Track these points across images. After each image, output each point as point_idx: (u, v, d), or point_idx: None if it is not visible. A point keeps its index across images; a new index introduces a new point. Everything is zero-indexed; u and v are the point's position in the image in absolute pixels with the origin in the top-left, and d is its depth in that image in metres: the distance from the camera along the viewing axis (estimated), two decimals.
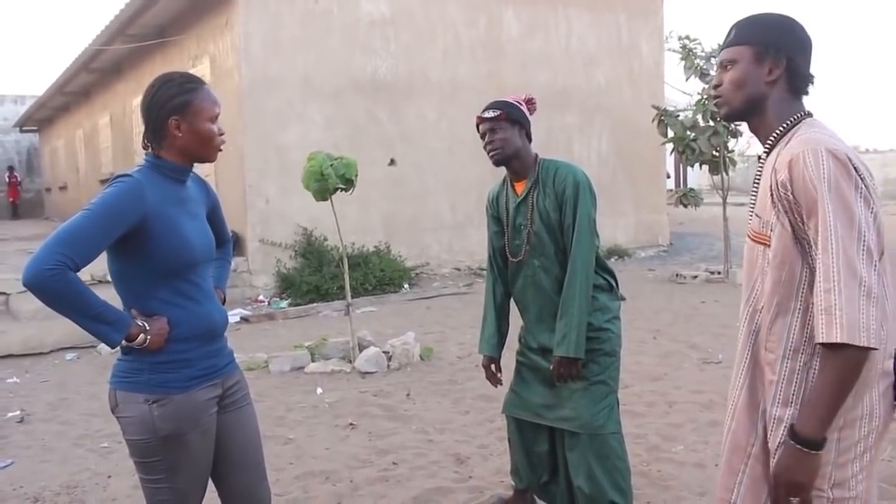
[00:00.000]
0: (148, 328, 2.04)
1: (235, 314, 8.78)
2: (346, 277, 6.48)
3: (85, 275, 7.80)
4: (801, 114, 1.83)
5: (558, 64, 12.24)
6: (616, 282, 3.13)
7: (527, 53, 11.92)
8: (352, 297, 6.58)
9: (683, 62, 9.74)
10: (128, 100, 13.98)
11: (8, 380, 6.46)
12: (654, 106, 10.36)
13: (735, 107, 1.87)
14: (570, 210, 2.92)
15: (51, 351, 7.39)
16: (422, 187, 11.12)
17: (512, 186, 3.11)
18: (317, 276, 9.57)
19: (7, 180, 25.30)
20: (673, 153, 10.48)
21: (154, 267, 2.06)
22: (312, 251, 9.93)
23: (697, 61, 9.66)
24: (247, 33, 9.80)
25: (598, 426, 2.96)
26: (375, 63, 10.69)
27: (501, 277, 3.21)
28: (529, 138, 3.08)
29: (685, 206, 10.44)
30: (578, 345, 2.87)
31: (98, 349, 7.25)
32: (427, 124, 11.15)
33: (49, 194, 24.39)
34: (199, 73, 10.84)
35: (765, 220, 1.79)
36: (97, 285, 7.36)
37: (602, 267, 3.04)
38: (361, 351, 6.23)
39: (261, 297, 9.77)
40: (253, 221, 9.97)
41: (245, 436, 2.28)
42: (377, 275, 9.87)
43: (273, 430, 4.73)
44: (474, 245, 11.33)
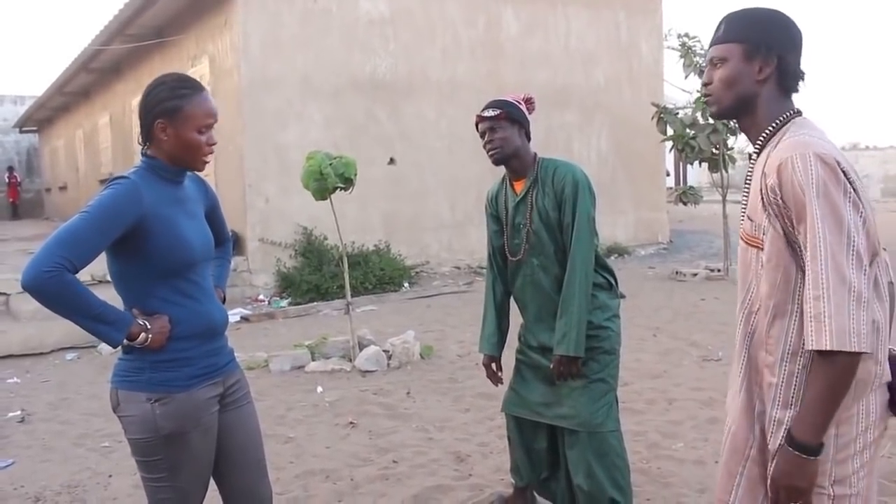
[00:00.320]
0: (149, 327, 2.04)
1: (236, 313, 8.79)
2: (346, 276, 6.48)
3: (85, 275, 7.82)
4: (791, 112, 1.82)
5: (557, 62, 12.24)
6: (615, 280, 3.14)
7: (526, 52, 11.92)
8: (352, 296, 6.59)
9: (682, 60, 9.74)
10: (127, 100, 13.99)
11: (8, 380, 6.46)
12: (654, 104, 10.36)
13: (725, 106, 1.87)
14: (570, 209, 2.92)
15: (51, 351, 7.40)
16: (421, 186, 11.12)
17: (511, 185, 3.11)
18: (317, 276, 9.58)
19: (7, 181, 25.30)
20: (672, 151, 10.50)
21: (153, 267, 2.07)
22: (312, 250, 9.94)
23: (696, 59, 9.66)
24: (246, 33, 9.80)
25: (597, 424, 2.97)
26: (375, 62, 10.70)
27: (501, 276, 3.22)
28: (528, 137, 3.08)
29: (685, 204, 10.45)
30: (578, 343, 2.87)
31: (98, 349, 7.26)
32: (426, 123, 11.16)
33: (49, 194, 24.40)
34: (199, 73, 10.86)
35: (757, 223, 1.79)
36: (98, 285, 7.38)
37: (601, 265, 3.05)
38: (361, 350, 6.23)
39: (261, 297, 9.78)
40: (253, 221, 9.98)
41: (246, 434, 2.29)
42: (377, 274, 9.88)
43: (273, 429, 4.74)
44: (474, 244, 11.34)
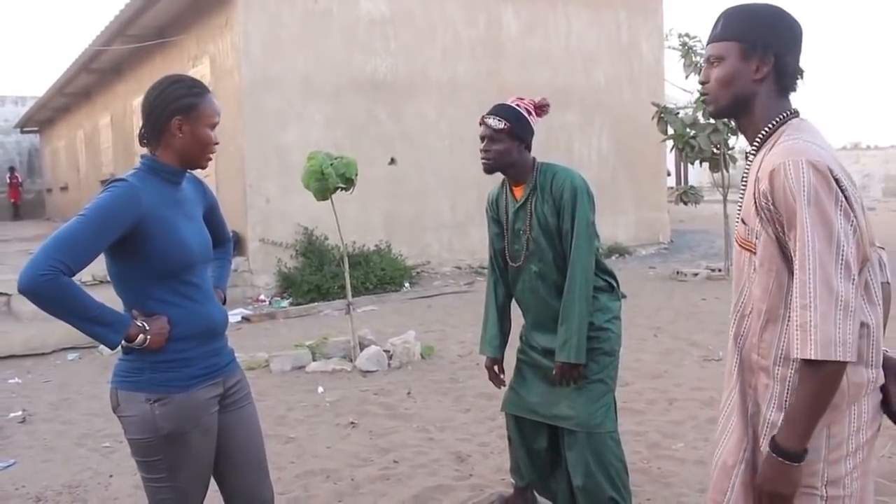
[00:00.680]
0: (148, 328, 2.05)
1: (237, 314, 8.79)
2: (347, 276, 6.49)
3: (86, 275, 7.83)
4: (789, 112, 1.82)
5: (558, 62, 12.24)
6: (616, 282, 3.14)
7: (526, 52, 11.92)
8: (353, 297, 6.60)
9: (683, 60, 9.73)
10: (128, 100, 14.00)
11: (10, 380, 6.47)
12: (654, 103, 10.36)
13: (722, 105, 1.86)
14: (568, 216, 2.91)
15: (52, 351, 7.41)
16: (422, 186, 11.13)
17: (511, 190, 3.10)
18: (318, 276, 9.58)
19: (8, 181, 25.32)
20: (673, 151, 10.50)
21: (152, 268, 2.07)
22: (313, 250, 9.94)
23: (697, 59, 9.66)
24: (246, 33, 9.81)
25: (595, 424, 2.97)
26: (375, 62, 10.70)
27: (503, 278, 3.21)
28: (529, 149, 3.03)
29: (685, 204, 10.45)
30: (580, 350, 2.88)
31: (100, 349, 7.26)
32: (427, 123, 11.16)
33: (50, 195, 24.41)
34: (199, 74, 10.86)
35: (750, 227, 1.78)
36: (99, 286, 7.39)
37: (602, 269, 3.04)
38: (362, 350, 6.24)
39: (262, 297, 9.78)
40: (253, 221, 9.98)
41: (247, 435, 2.30)
42: (378, 274, 9.88)
43: (274, 429, 4.74)
44: (475, 243, 11.34)
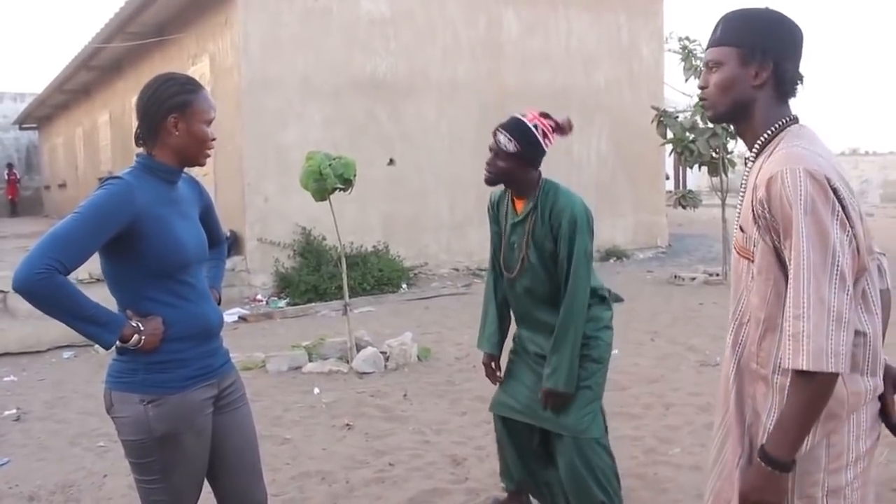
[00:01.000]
0: (142, 328, 2.03)
1: (233, 313, 8.77)
2: (344, 277, 6.47)
3: (83, 273, 7.80)
4: (788, 119, 1.81)
5: (558, 64, 12.23)
6: (609, 292, 3.14)
7: (526, 53, 11.91)
8: (350, 297, 6.58)
9: (683, 63, 9.73)
10: (127, 98, 13.97)
11: (5, 378, 6.45)
12: (654, 107, 10.36)
13: (720, 111, 1.85)
14: (566, 245, 2.88)
15: (48, 349, 7.39)
16: (421, 187, 11.11)
17: (513, 200, 3.07)
18: (315, 276, 9.56)
19: (6, 178, 25.27)
20: (672, 154, 10.49)
21: (147, 268, 2.06)
22: (311, 250, 9.92)
23: (697, 62, 9.65)
24: (246, 32, 9.79)
25: (582, 430, 2.95)
26: (375, 62, 10.68)
27: (503, 275, 3.20)
28: (537, 168, 2.98)
29: (684, 208, 10.44)
30: (569, 380, 2.87)
31: (95, 348, 7.24)
32: (426, 124, 11.15)
33: (48, 192, 24.37)
34: (199, 72, 10.85)
35: (748, 235, 1.77)
36: (95, 284, 7.36)
37: (598, 286, 3.03)
38: (359, 351, 6.22)
39: (259, 297, 9.76)
40: (251, 220, 9.96)
41: (241, 437, 2.28)
42: (375, 275, 9.86)
43: (270, 430, 4.72)
44: (473, 245, 11.32)
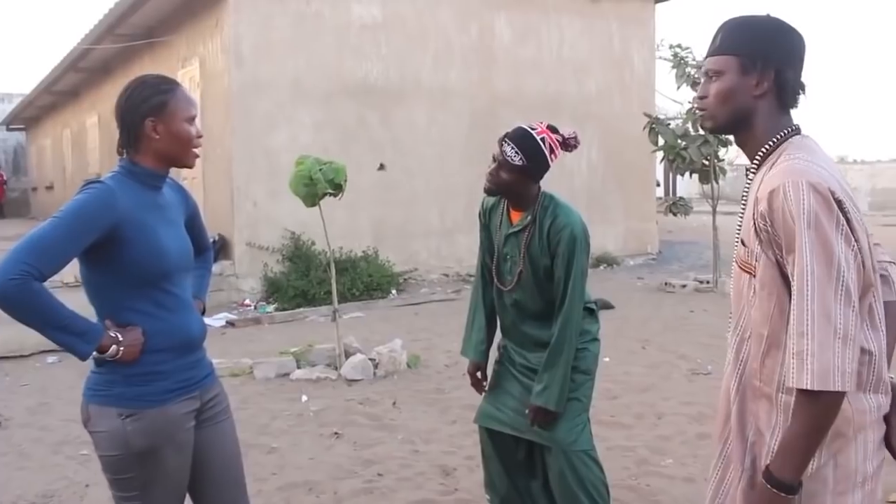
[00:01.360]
0: (121, 339, 1.96)
1: (221, 318, 8.69)
2: (333, 283, 6.41)
3: (69, 276, 7.68)
4: (790, 129, 1.76)
5: (549, 71, 12.21)
6: (597, 303, 3.08)
7: (518, 60, 11.88)
8: (339, 303, 6.51)
9: (675, 70, 9.72)
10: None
11: None
12: (646, 114, 10.34)
13: (720, 121, 1.80)
14: (563, 263, 2.81)
15: (31, 354, 7.26)
16: (411, 192, 11.05)
17: (507, 210, 2.99)
18: (304, 281, 9.49)
19: None
20: (663, 161, 10.48)
21: (128, 276, 1.99)
22: (300, 255, 9.85)
23: (689, 70, 9.65)
24: (237, 35, 9.72)
25: (571, 442, 2.90)
26: (366, 67, 10.63)
27: (492, 284, 3.13)
28: (538, 181, 2.91)
29: (675, 215, 10.42)
30: (560, 399, 2.82)
31: None
32: (417, 129, 11.10)
33: (35, 194, 24.19)
34: (189, 75, 10.77)
35: (750, 249, 1.73)
36: (79, 288, 7.25)
37: (586, 299, 2.97)
38: (348, 358, 6.15)
39: (247, 301, 9.67)
40: (240, 224, 9.88)
41: (224, 452, 2.21)
42: (365, 280, 9.79)
43: (256, 439, 4.65)
44: (463, 251, 11.27)
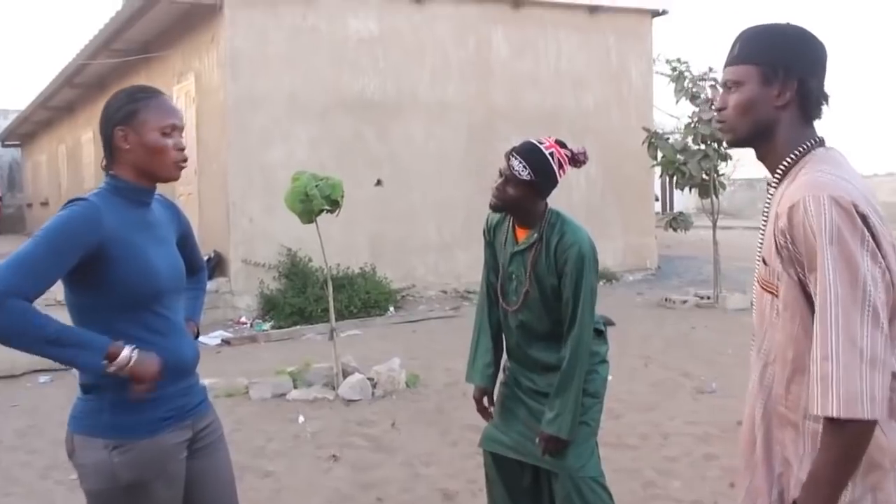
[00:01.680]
0: (133, 347, 1.83)
1: (216, 336, 8.56)
2: (331, 300, 6.30)
3: (61, 294, 7.57)
4: (814, 141, 1.67)
5: (547, 85, 12.16)
6: (604, 323, 2.96)
7: (516, 74, 11.83)
8: (336, 320, 6.39)
9: (674, 84, 9.66)
10: None
11: None
12: (645, 128, 10.29)
13: (741, 134, 1.71)
14: (571, 283, 2.70)
15: (23, 373, 7.12)
16: (408, 207, 10.96)
17: (513, 228, 2.88)
18: (300, 298, 9.37)
19: None
20: (663, 176, 10.41)
21: (116, 298, 1.87)
22: (296, 272, 9.73)
23: (687, 84, 9.59)
24: (233, 50, 9.65)
25: (579, 467, 2.78)
26: (363, 82, 10.56)
27: (497, 304, 3.01)
28: (545, 197, 2.81)
29: (675, 230, 10.33)
30: (572, 427, 2.70)
31: (73, 372, 6.99)
32: (415, 144, 11.02)
33: (30, 210, 24.07)
34: (185, 90, 10.69)
35: (771, 268, 1.63)
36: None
37: (595, 320, 2.87)
38: (345, 377, 6.03)
39: (243, 319, 9.54)
40: (236, 241, 9.77)
41: (218, 484, 2.09)
42: (362, 297, 9.67)
43: (252, 462, 4.52)
44: (461, 267, 11.16)
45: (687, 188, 10.11)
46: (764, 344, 1.69)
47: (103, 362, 1.78)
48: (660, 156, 10.05)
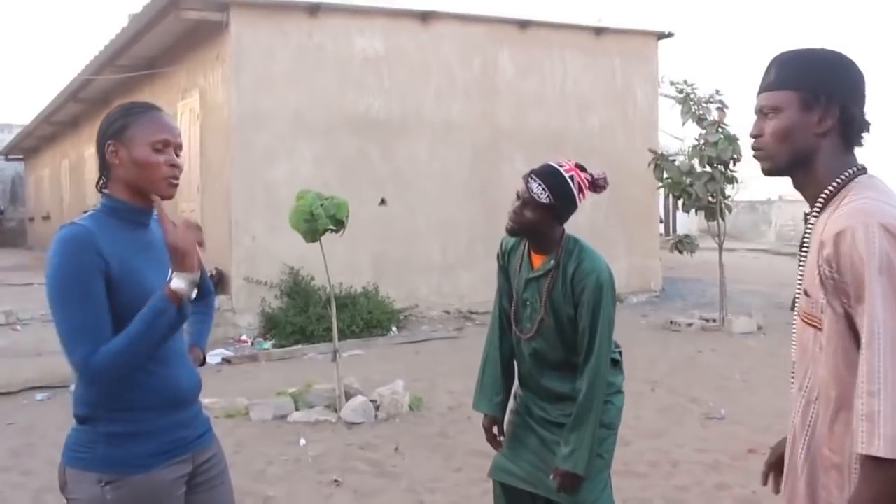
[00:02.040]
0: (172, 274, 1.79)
1: (217, 355, 8.46)
2: (334, 321, 6.21)
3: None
4: (856, 169, 1.60)
5: (553, 106, 12.14)
6: (620, 354, 2.87)
7: (521, 95, 11.81)
8: (338, 340, 6.29)
9: (681, 106, 9.63)
10: None
11: None
12: (651, 150, 10.25)
13: (780, 162, 1.64)
14: (588, 313, 2.61)
15: (20, 390, 7.02)
16: (412, 227, 10.89)
17: (528, 253, 2.80)
18: (302, 317, 9.27)
19: None
20: (667, 198, 10.35)
21: (114, 324, 1.77)
22: (299, 291, 9.64)
23: (695, 107, 9.56)
24: (238, 67, 9.63)
25: (592, 502, 2.69)
26: (368, 100, 10.53)
27: (510, 331, 2.91)
28: (563, 222, 2.75)
29: (681, 253, 10.26)
30: (589, 464, 2.61)
31: (70, 389, 6.89)
32: (419, 163, 10.97)
33: (32, 224, 24.04)
34: (189, 107, 10.67)
35: (814, 300, 1.55)
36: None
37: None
38: (348, 399, 5.93)
39: (244, 337, 9.45)
40: (238, 259, 9.70)
41: None
42: (364, 317, 9.58)
43: (252, 486, 4.42)
44: (464, 288, 11.08)
45: (693, 210, 10.06)
46: (806, 381, 1.60)
47: (176, 305, 1.76)
48: (665, 177, 10.00)
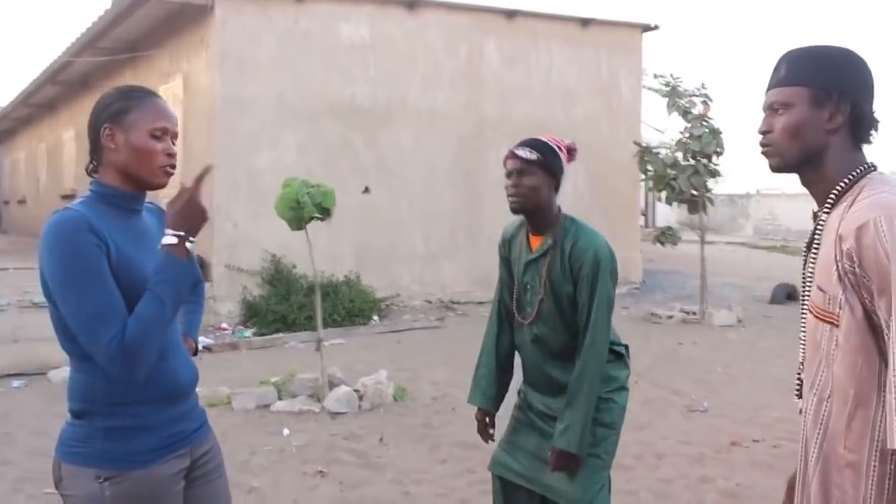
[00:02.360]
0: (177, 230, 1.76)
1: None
2: (318, 309, 6.16)
3: (38, 296, 7.35)
4: (865, 167, 1.60)
5: (538, 96, 12.12)
6: (626, 349, 2.84)
7: (507, 84, 11.78)
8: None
9: (667, 99, 9.65)
10: None
11: None
12: (636, 142, 10.27)
13: (789, 158, 1.63)
14: (586, 289, 2.59)
15: None
16: (395, 216, 10.85)
17: (527, 238, 2.78)
18: (284, 305, 9.21)
19: None
20: (651, 190, 10.38)
21: None
22: (280, 279, 9.57)
23: (680, 101, 9.58)
24: (222, 52, 9.51)
25: (588, 501, 2.68)
26: (353, 88, 10.45)
27: (510, 325, 2.89)
28: (557, 190, 2.75)
29: (663, 245, 10.30)
30: (582, 441, 2.58)
31: (48, 377, 6.80)
32: (403, 152, 10.92)
33: (7, 207, 23.67)
34: (172, 91, 10.52)
35: (830, 295, 1.53)
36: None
37: (613, 340, 2.76)
38: (331, 389, 5.89)
39: (224, 325, 9.37)
40: (219, 246, 9.60)
41: None
42: (346, 305, 9.53)
43: (235, 477, 4.36)
44: (446, 277, 11.07)
45: (675, 203, 10.10)
46: (818, 379, 1.58)
47: (186, 259, 1.74)
48: (649, 170, 10.03)
